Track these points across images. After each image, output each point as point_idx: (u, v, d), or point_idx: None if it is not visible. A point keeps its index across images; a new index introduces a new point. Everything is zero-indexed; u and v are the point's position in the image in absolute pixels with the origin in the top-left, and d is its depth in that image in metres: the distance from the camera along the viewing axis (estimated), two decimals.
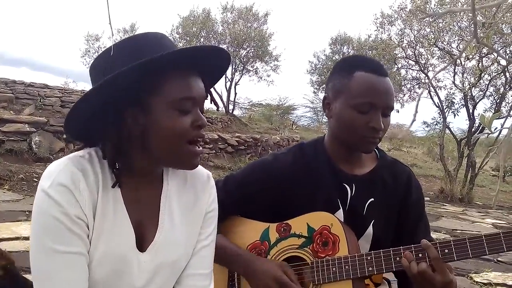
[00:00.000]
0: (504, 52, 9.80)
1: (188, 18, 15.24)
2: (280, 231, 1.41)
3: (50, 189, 0.91)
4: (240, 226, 1.47)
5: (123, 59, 0.92)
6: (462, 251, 1.22)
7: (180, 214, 1.08)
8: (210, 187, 1.17)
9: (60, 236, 0.91)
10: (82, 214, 0.93)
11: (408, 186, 1.47)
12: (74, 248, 0.92)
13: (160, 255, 1.03)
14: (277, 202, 1.43)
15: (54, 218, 0.91)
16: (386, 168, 1.48)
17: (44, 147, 7.24)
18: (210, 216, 1.16)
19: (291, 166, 1.44)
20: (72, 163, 0.95)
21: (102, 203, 0.96)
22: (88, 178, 0.95)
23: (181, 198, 1.10)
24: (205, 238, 1.14)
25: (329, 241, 1.34)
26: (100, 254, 0.96)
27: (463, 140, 10.56)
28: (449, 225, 6.64)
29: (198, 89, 0.97)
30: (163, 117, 0.93)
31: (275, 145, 11.89)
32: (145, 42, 0.96)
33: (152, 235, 1.03)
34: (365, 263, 1.29)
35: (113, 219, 0.98)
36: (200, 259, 1.13)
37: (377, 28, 11.77)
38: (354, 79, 1.34)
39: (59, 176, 0.92)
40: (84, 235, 0.94)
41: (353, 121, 1.33)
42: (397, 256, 1.27)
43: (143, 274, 1.02)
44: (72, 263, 0.92)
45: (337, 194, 1.41)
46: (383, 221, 1.41)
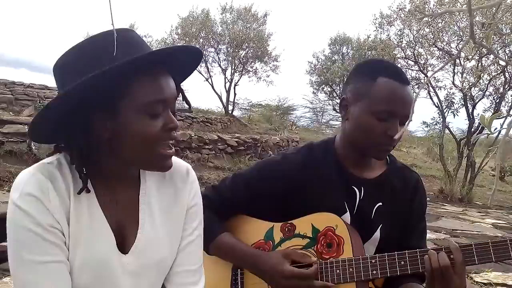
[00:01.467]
0: (503, 52, 9.81)
1: (187, 19, 15.24)
2: (285, 231, 1.40)
3: (19, 200, 0.90)
4: (245, 225, 1.47)
5: (90, 62, 0.88)
6: (468, 257, 1.21)
7: (161, 212, 1.06)
8: (191, 181, 1.14)
9: (36, 247, 0.90)
10: (55, 222, 0.91)
11: (415, 192, 1.47)
12: (52, 257, 0.91)
13: (143, 256, 1.02)
14: (283, 201, 1.42)
15: (27, 229, 0.89)
16: (396, 173, 1.47)
17: (44, 148, 7.22)
18: (193, 211, 1.13)
19: (300, 166, 1.43)
20: (39, 172, 0.93)
21: (75, 208, 0.94)
22: (58, 185, 0.93)
23: (160, 195, 1.08)
24: (190, 233, 1.12)
25: (334, 242, 1.33)
26: (81, 260, 0.94)
27: (462, 140, 10.56)
28: (449, 225, 6.64)
29: (168, 90, 0.94)
30: (133, 121, 0.90)
31: (275, 145, 11.89)
32: (112, 42, 0.89)
33: (133, 236, 1.01)
34: (369, 266, 1.28)
35: (90, 224, 0.96)
36: (187, 255, 1.11)
37: (376, 29, 11.80)
38: (377, 85, 1.32)
39: (27, 186, 0.90)
40: (60, 243, 0.92)
41: (371, 127, 1.32)
42: (402, 260, 1.26)
43: (127, 276, 1.00)
44: (52, 272, 0.91)
45: (344, 197, 1.40)
46: (390, 226, 1.41)
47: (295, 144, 12.82)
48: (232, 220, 1.48)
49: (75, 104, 0.88)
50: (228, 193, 1.45)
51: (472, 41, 0.34)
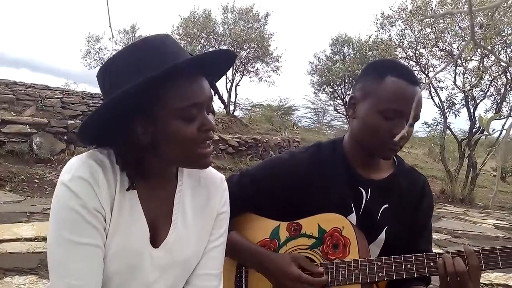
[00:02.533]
0: (504, 53, 9.80)
1: (189, 19, 15.26)
2: (291, 230, 1.40)
3: (70, 182, 0.95)
4: (251, 223, 1.47)
5: (129, 72, 0.93)
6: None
7: (192, 214, 1.11)
8: (223, 189, 1.20)
9: (78, 228, 0.94)
10: (100, 207, 0.96)
11: (422, 194, 1.46)
12: (91, 240, 0.95)
13: (172, 253, 1.06)
14: (290, 200, 1.41)
15: (73, 210, 0.94)
16: (403, 175, 1.46)
17: (45, 148, 7.25)
18: (221, 218, 1.18)
19: (307, 165, 1.43)
20: (91, 158, 0.98)
21: (119, 198, 0.99)
22: (107, 173, 0.98)
23: (194, 198, 1.12)
24: (215, 239, 1.16)
25: (340, 243, 1.33)
26: (116, 247, 0.99)
27: (464, 141, 10.56)
28: (450, 226, 6.63)
29: (203, 93, 0.98)
30: (170, 126, 0.95)
31: (276, 146, 11.90)
32: (149, 51, 0.95)
33: (165, 233, 1.06)
34: (375, 268, 1.27)
35: (129, 215, 1.00)
36: (210, 259, 1.15)
37: (377, 29, 11.78)
38: (385, 83, 1.31)
39: (79, 170, 0.95)
40: (101, 228, 0.97)
41: (377, 126, 1.31)
42: (408, 263, 1.25)
43: (155, 269, 1.04)
44: (88, 254, 0.95)
45: (351, 197, 1.39)
46: (396, 228, 1.40)
47: (296, 144, 12.82)
48: (238, 218, 1.47)
49: (116, 111, 0.93)
50: (235, 191, 1.44)
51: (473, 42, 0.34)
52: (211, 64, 1.02)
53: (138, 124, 0.95)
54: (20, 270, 3.08)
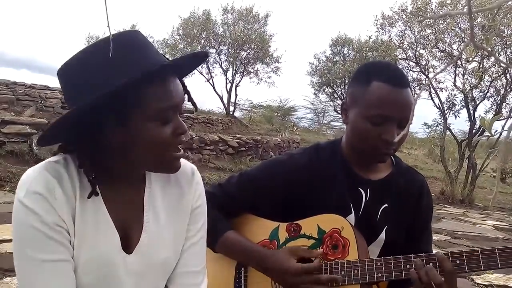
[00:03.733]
0: (504, 54, 9.81)
1: (189, 20, 15.26)
2: (290, 231, 1.40)
3: (25, 198, 0.90)
4: (250, 223, 1.47)
5: (101, 73, 0.88)
6: (474, 263, 1.21)
7: (165, 213, 1.07)
8: (196, 182, 1.14)
9: (41, 245, 0.90)
10: (61, 220, 0.92)
11: (421, 194, 1.47)
12: (57, 255, 0.91)
13: (147, 256, 1.02)
14: (289, 201, 1.42)
15: (32, 227, 0.89)
16: (401, 174, 1.47)
17: (45, 149, 7.24)
18: (197, 213, 1.13)
19: (306, 166, 1.43)
20: (46, 170, 0.93)
21: (81, 208, 0.94)
22: (64, 184, 0.93)
23: (165, 196, 1.08)
24: (193, 235, 1.12)
25: (339, 244, 1.33)
26: (85, 258, 0.95)
27: (464, 142, 10.56)
28: (450, 227, 6.63)
29: (177, 94, 0.95)
30: (143, 128, 0.91)
31: (276, 146, 11.90)
32: (123, 50, 0.89)
33: (137, 236, 1.02)
34: (374, 269, 1.28)
35: (95, 223, 0.96)
36: (190, 256, 1.12)
37: (377, 30, 11.77)
38: (370, 89, 1.31)
39: (33, 185, 0.91)
40: (66, 241, 0.93)
41: (366, 132, 1.31)
42: (407, 264, 1.25)
43: (130, 276, 1.00)
44: (57, 270, 0.91)
45: (350, 198, 1.40)
46: (395, 228, 1.41)
47: (296, 145, 12.83)
48: (238, 219, 1.48)
49: (86, 114, 0.89)
50: (234, 191, 1.45)
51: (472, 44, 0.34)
52: (185, 65, 1.01)
53: (107, 125, 0.90)
54: None
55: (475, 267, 1.21)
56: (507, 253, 1.19)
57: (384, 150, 1.33)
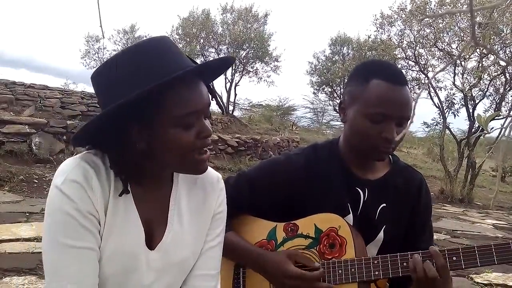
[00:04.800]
0: (503, 52, 9.81)
1: (188, 19, 15.23)
2: (287, 231, 1.40)
3: (63, 185, 0.94)
4: (247, 224, 1.47)
5: (130, 76, 0.92)
6: (470, 259, 1.22)
7: (189, 215, 1.10)
8: (220, 189, 1.19)
9: (72, 231, 0.94)
10: (94, 210, 0.96)
11: (419, 193, 1.46)
12: (85, 243, 0.95)
13: (168, 254, 1.06)
14: (286, 201, 1.42)
15: (66, 213, 0.93)
16: (399, 173, 1.47)
17: (44, 148, 7.24)
18: (218, 218, 1.17)
19: (303, 166, 1.43)
20: (85, 161, 0.97)
21: (114, 201, 0.98)
22: (101, 176, 0.97)
23: (190, 198, 1.12)
24: (212, 239, 1.16)
25: (336, 243, 1.33)
26: (111, 250, 0.98)
27: (463, 141, 10.57)
28: (449, 226, 6.64)
29: (201, 99, 0.97)
30: (168, 133, 0.94)
31: (275, 146, 11.90)
32: (150, 55, 0.94)
33: (161, 235, 1.05)
34: (371, 267, 1.28)
35: (124, 217, 1.00)
36: (207, 260, 1.14)
37: (376, 29, 11.78)
38: (369, 87, 1.31)
39: (72, 173, 0.95)
40: (95, 231, 0.96)
41: (366, 130, 1.31)
42: (404, 261, 1.26)
43: (151, 271, 1.04)
44: (83, 257, 0.95)
45: (348, 198, 1.40)
46: (394, 227, 1.41)
47: (296, 144, 12.82)
48: (235, 220, 1.48)
49: (115, 117, 0.92)
50: (232, 192, 1.45)
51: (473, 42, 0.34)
52: (210, 69, 1.02)
53: (134, 130, 0.94)
54: (19, 270, 3.08)
55: (472, 263, 1.22)
56: (503, 248, 1.20)
57: (383, 149, 1.32)
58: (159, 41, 0.98)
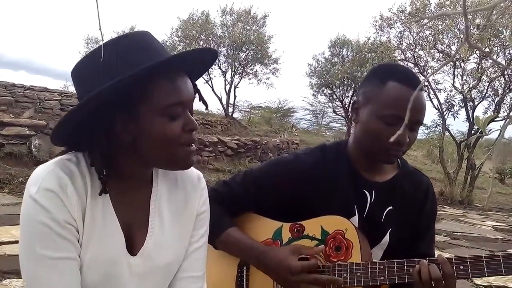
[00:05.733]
0: (502, 54, 9.82)
1: (188, 21, 15.26)
2: (293, 231, 1.40)
3: (37, 194, 0.90)
4: (253, 222, 1.46)
5: (111, 67, 0.90)
6: (477, 269, 1.21)
7: (170, 217, 1.07)
8: (201, 188, 1.15)
9: (49, 242, 0.90)
10: (71, 218, 0.92)
11: (426, 197, 1.46)
12: (64, 253, 0.91)
13: (151, 259, 1.02)
14: (293, 201, 1.41)
15: (42, 224, 0.89)
16: (407, 177, 1.46)
17: (44, 150, 7.24)
18: (201, 218, 1.14)
19: (311, 166, 1.42)
20: (59, 167, 0.93)
21: (91, 207, 0.95)
22: (76, 182, 0.93)
23: (171, 200, 1.08)
24: (197, 240, 1.13)
25: (343, 246, 1.32)
26: (91, 258, 0.95)
27: (462, 143, 10.57)
28: (449, 228, 6.63)
29: (186, 92, 0.95)
30: (153, 124, 0.92)
31: (275, 147, 11.91)
32: (132, 47, 0.92)
33: (142, 239, 1.02)
34: (377, 272, 1.27)
35: (103, 223, 0.96)
36: (193, 261, 1.12)
37: (376, 31, 11.81)
38: (386, 89, 1.30)
39: (46, 181, 0.91)
40: (74, 240, 0.93)
41: (379, 132, 1.30)
42: (411, 267, 1.25)
43: (134, 277, 1.01)
44: (63, 268, 0.91)
45: (355, 200, 1.39)
46: (400, 230, 1.40)
47: (295, 146, 12.83)
48: (241, 218, 1.47)
49: (95, 109, 0.89)
50: (238, 189, 1.45)
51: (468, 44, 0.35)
52: (194, 63, 1.00)
53: (118, 121, 0.91)
54: (18, 273, 3.06)
55: (479, 273, 1.20)
56: (511, 259, 1.19)
57: (394, 152, 1.32)
58: (142, 35, 0.96)
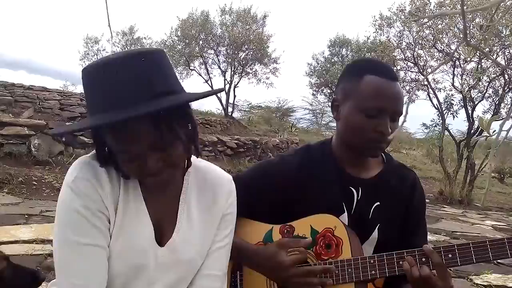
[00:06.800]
0: (502, 54, 9.82)
1: (187, 21, 15.24)
2: (284, 233, 1.40)
3: (73, 183, 0.95)
4: (244, 227, 1.46)
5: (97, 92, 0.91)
6: (466, 256, 1.22)
7: (198, 214, 1.11)
8: (230, 190, 1.19)
9: (81, 229, 0.95)
10: (104, 208, 0.97)
11: (413, 190, 1.47)
12: (95, 240, 0.96)
13: (176, 252, 1.06)
14: (281, 203, 1.42)
15: (76, 211, 0.94)
16: (392, 171, 1.47)
17: (44, 150, 7.24)
18: (227, 219, 1.17)
19: (297, 168, 1.44)
20: (96, 159, 0.99)
21: (123, 199, 1.00)
22: (111, 174, 0.99)
23: (200, 198, 1.13)
24: (221, 239, 1.16)
25: (332, 243, 1.33)
26: (120, 248, 0.99)
27: (462, 142, 10.57)
28: (448, 227, 6.64)
29: (135, 141, 0.92)
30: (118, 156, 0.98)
31: (275, 147, 11.90)
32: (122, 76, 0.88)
33: (170, 233, 1.07)
34: (368, 267, 1.29)
35: (134, 215, 1.01)
36: (215, 260, 1.15)
37: (375, 30, 11.79)
38: (364, 82, 1.33)
39: (83, 171, 0.97)
40: (105, 229, 0.98)
41: (361, 125, 1.32)
42: (400, 260, 1.27)
43: (159, 268, 1.05)
44: (92, 255, 0.96)
45: (342, 198, 1.40)
46: (388, 225, 1.41)
47: (295, 145, 12.82)
48: None
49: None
50: None
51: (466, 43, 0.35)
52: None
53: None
54: None
55: (467, 260, 1.22)
56: (498, 244, 1.20)
57: (378, 144, 1.34)
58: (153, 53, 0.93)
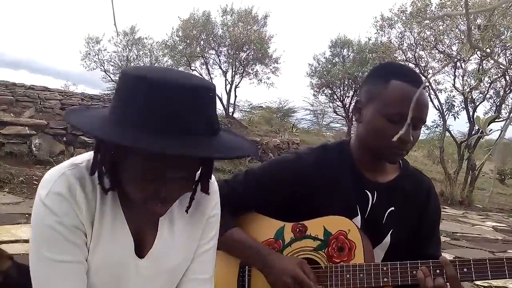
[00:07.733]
0: (503, 55, 9.82)
1: (188, 21, 15.25)
2: (296, 231, 1.39)
3: (46, 198, 0.90)
4: (255, 222, 1.45)
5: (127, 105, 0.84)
6: (481, 272, 1.20)
7: (181, 219, 1.07)
8: (213, 191, 1.13)
9: (56, 246, 0.91)
10: (79, 223, 0.92)
11: (428, 198, 1.45)
12: (71, 257, 0.92)
13: (158, 262, 1.02)
14: (294, 200, 1.41)
15: (50, 227, 0.90)
16: (408, 177, 1.46)
17: (44, 150, 7.24)
18: (212, 221, 1.14)
19: (313, 166, 1.41)
20: (69, 171, 0.93)
21: (100, 211, 0.94)
22: (86, 187, 0.93)
23: (182, 203, 1.06)
24: (206, 242, 1.13)
25: (345, 247, 1.32)
26: (98, 261, 0.95)
27: (463, 143, 10.56)
28: (449, 228, 6.63)
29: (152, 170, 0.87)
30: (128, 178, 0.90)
31: (275, 147, 11.89)
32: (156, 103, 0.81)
33: (151, 242, 1.02)
34: (380, 273, 1.27)
35: (112, 227, 0.96)
36: (201, 264, 1.12)
37: (377, 31, 11.80)
38: (389, 87, 1.30)
39: (56, 185, 0.91)
40: (82, 244, 0.93)
41: (383, 130, 1.29)
42: (414, 269, 1.25)
43: (141, 280, 1.01)
44: (69, 272, 0.92)
45: (357, 200, 1.39)
46: (401, 231, 1.40)
47: (296, 146, 12.82)
48: (243, 217, 1.47)
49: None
50: (240, 189, 1.44)
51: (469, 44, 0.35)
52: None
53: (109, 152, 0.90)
54: None
55: (483, 276, 1.20)
56: (497, 264, 1.19)
57: (398, 150, 1.32)
58: (215, 90, 0.88)
